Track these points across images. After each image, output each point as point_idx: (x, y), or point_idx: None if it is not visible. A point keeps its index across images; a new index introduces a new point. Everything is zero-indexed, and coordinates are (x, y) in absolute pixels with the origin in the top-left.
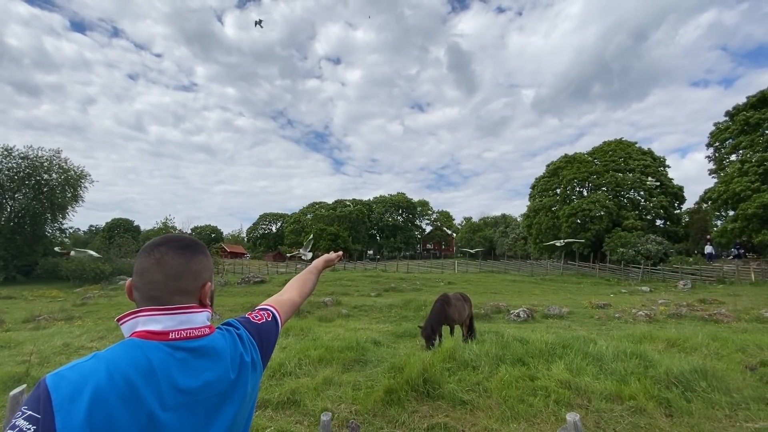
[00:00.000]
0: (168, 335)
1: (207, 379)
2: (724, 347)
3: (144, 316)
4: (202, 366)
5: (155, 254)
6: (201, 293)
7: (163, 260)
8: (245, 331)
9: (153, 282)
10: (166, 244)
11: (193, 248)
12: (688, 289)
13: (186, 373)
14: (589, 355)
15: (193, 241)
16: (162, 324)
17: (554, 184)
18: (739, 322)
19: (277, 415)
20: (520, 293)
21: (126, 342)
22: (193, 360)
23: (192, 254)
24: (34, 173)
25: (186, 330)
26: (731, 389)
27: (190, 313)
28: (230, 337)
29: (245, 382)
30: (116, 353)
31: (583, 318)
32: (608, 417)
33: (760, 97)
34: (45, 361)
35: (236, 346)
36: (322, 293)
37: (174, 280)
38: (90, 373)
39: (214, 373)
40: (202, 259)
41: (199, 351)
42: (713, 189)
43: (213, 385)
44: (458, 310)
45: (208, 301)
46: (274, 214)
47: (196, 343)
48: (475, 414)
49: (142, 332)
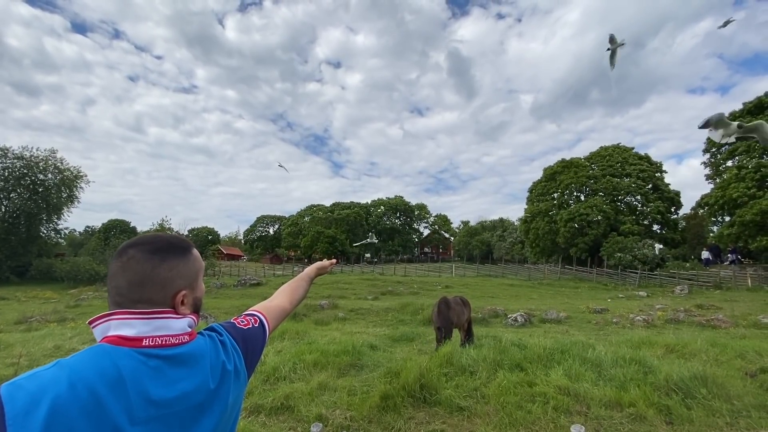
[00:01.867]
0: (141, 341)
1: (183, 389)
2: (723, 353)
3: (117, 319)
4: (178, 375)
5: (123, 257)
6: (173, 302)
7: (128, 265)
8: (229, 337)
9: (117, 288)
10: (136, 246)
11: (165, 252)
12: (686, 294)
13: (160, 383)
14: (587, 361)
15: (168, 244)
16: (135, 329)
17: (552, 189)
18: (737, 327)
19: (270, 420)
20: (518, 297)
21: (94, 348)
22: (168, 369)
23: (161, 260)
24: (30, 173)
25: (162, 336)
26: (732, 396)
27: (167, 318)
28: (212, 343)
29: (226, 393)
30: (81, 361)
31: (580, 323)
32: (608, 424)
33: (756, 103)
34: (35, 363)
35: (218, 354)
36: (319, 296)
37: (137, 288)
38: (50, 383)
39: (191, 383)
40: (176, 264)
41: (176, 359)
42: (710, 195)
43: (190, 396)
44: (457, 314)
45: (186, 311)
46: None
47: (172, 351)
48: (472, 421)
49: (113, 337)
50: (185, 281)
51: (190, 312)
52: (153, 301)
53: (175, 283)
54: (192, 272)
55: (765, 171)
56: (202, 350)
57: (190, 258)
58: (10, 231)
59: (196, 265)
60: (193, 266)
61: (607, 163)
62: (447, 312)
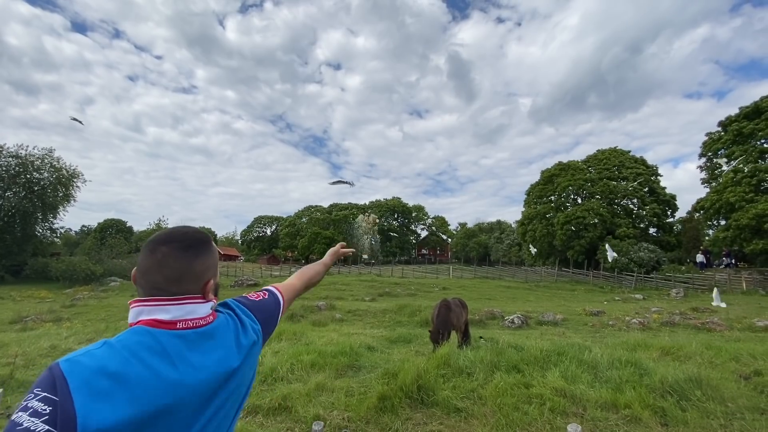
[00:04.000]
0: (176, 324)
1: (217, 357)
2: (717, 356)
3: (150, 305)
4: (210, 346)
5: (157, 254)
6: (204, 290)
7: (164, 262)
8: (243, 309)
9: (154, 282)
10: (168, 243)
11: (197, 248)
12: (681, 297)
13: (197, 352)
14: (584, 363)
15: (197, 240)
16: (171, 314)
17: (549, 192)
18: (732, 330)
19: (268, 421)
20: (515, 299)
21: (134, 329)
22: (202, 342)
23: (195, 255)
24: (25, 172)
25: (192, 320)
26: (726, 399)
27: (196, 304)
28: (231, 319)
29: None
30: (128, 339)
31: (577, 325)
32: (604, 426)
33: (753, 108)
34: (30, 363)
35: (236, 326)
36: (316, 297)
37: (176, 282)
38: (105, 357)
39: (222, 351)
40: (206, 258)
41: (206, 334)
42: (705, 198)
43: (223, 362)
44: (457, 315)
45: (211, 296)
46: (268, 217)
47: (202, 330)
48: (469, 422)
49: (149, 320)
50: (212, 272)
51: (213, 296)
52: (189, 292)
53: (206, 275)
54: (216, 262)
55: (761, 175)
56: (225, 324)
57: (213, 249)
58: (5, 230)
59: (216, 255)
60: (215, 256)
61: (604, 166)
62: (447, 314)
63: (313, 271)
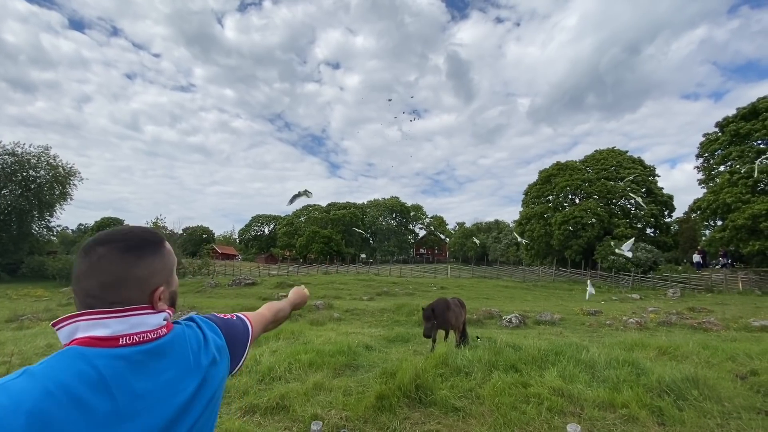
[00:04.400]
0: (118, 341)
1: (167, 379)
2: (714, 356)
3: (86, 320)
4: (161, 366)
5: (92, 257)
6: (151, 299)
7: (99, 265)
8: (209, 323)
9: (87, 290)
10: (107, 243)
11: (141, 249)
12: (678, 297)
13: (143, 375)
14: (581, 362)
15: (142, 240)
16: (110, 329)
17: (547, 192)
18: (728, 330)
19: (265, 420)
20: (513, 299)
21: (64, 352)
22: (150, 361)
23: (137, 258)
24: (21, 169)
25: (139, 333)
26: (722, 398)
27: (144, 315)
28: (191, 332)
29: (211, 377)
30: (54, 366)
31: (574, 325)
32: (601, 425)
33: (750, 109)
34: (27, 362)
35: (198, 341)
36: (314, 296)
37: (112, 290)
38: (22, 394)
39: (175, 371)
40: (152, 261)
41: (156, 351)
42: (702, 199)
43: (174, 384)
44: (456, 315)
45: (163, 306)
46: (266, 215)
47: (152, 345)
48: (467, 421)
49: (85, 338)
50: (162, 278)
51: (167, 306)
52: (131, 301)
53: (152, 281)
54: (168, 267)
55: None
56: (181, 339)
57: (164, 252)
58: (1, 228)
59: (171, 259)
60: (168, 261)
61: (601, 166)
62: (446, 314)
63: (280, 305)
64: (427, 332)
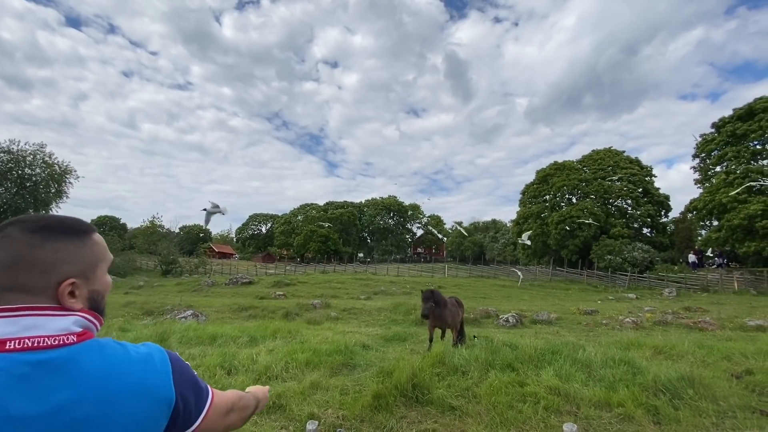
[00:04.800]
0: (4, 344)
1: (58, 401)
2: (709, 355)
3: None
4: (51, 384)
5: (0, 237)
6: (56, 293)
7: (2, 244)
8: (161, 353)
9: None
10: (19, 223)
11: (51, 231)
12: (673, 296)
13: (25, 394)
14: (578, 362)
15: (60, 223)
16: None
17: (544, 191)
18: (723, 330)
19: (262, 420)
20: (509, 298)
21: None
22: (38, 377)
23: (44, 239)
24: (17, 167)
25: (33, 338)
26: (718, 397)
27: (42, 316)
28: (116, 351)
29: (128, 413)
30: None
31: (571, 324)
32: (597, 424)
33: (747, 110)
34: None
35: (120, 362)
36: (311, 295)
37: (9, 272)
38: None
39: (69, 394)
40: (64, 246)
41: (50, 365)
42: (698, 199)
43: (67, 410)
44: (453, 314)
45: (75, 304)
46: (264, 214)
47: (45, 355)
48: (464, 420)
49: None
50: (76, 268)
51: (82, 307)
52: (29, 289)
53: (61, 269)
54: (88, 259)
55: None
56: (93, 355)
57: (88, 242)
58: None
59: (96, 251)
60: (91, 252)
61: (598, 166)
62: (442, 311)
63: (243, 394)
64: (425, 311)
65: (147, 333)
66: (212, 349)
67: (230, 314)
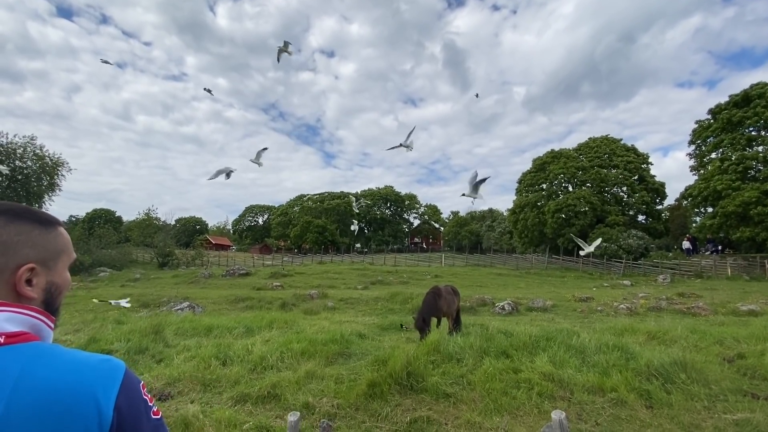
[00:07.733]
0: None
1: None
2: (702, 340)
3: None
4: None
5: None
6: (14, 278)
7: None
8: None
9: None
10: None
11: (17, 216)
12: (668, 283)
13: None
14: (572, 348)
15: (27, 211)
16: None
17: (541, 179)
18: (716, 315)
19: (257, 409)
20: (506, 286)
21: None
22: None
23: (7, 221)
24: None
25: None
26: (710, 381)
27: None
28: (53, 362)
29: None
30: None
31: (566, 311)
32: (590, 409)
33: (743, 96)
34: None
35: (49, 376)
36: (308, 286)
37: None
38: None
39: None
40: (28, 231)
41: None
42: (693, 186)
43: None
44: (448, 303)
45: (31, 293)
46: (260, 206)
47: None
48: (458, 407)
49: None
50: (37, 253)
51: (36, 296)
52: None
53: (21, 252)
54: (51, 247)
55: (748, 163)
56: (15, 363)
57: (53, 232)
58: None
59: (60, 242)
60: (55, 242)
61: (595, 153)
62: (436, 302)
63: None
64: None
65: (142, 325)
66: (208, 340)
67: (227, 306)
